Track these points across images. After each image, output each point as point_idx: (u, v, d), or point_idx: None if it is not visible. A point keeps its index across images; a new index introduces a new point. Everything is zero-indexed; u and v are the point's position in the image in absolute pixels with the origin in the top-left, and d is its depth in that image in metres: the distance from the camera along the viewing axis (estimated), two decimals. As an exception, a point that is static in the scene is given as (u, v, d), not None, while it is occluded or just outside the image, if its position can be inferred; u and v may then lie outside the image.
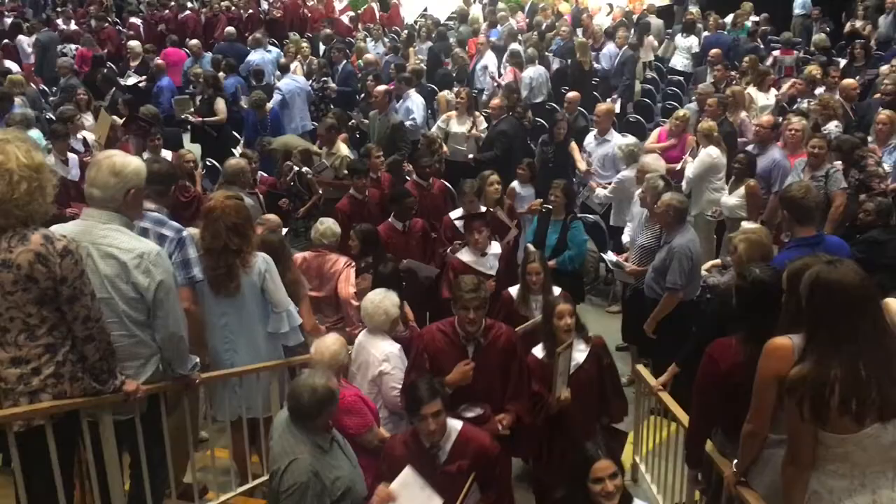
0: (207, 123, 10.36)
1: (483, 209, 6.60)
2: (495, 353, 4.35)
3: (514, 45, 12.49)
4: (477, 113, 9.56)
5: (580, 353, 4.55)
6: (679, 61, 13.33)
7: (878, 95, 8.93)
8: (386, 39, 14.73)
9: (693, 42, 13.18)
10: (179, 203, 6.74)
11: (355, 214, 6.98)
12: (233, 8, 17.14)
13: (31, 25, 15.40)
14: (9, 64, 12.29)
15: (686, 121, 8.37)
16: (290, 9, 17.02)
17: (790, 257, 4.27)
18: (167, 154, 8.48)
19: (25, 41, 14.57)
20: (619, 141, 8.13)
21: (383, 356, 4.55)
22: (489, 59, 12.12)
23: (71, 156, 7.79)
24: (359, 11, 17.52)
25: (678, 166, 7.83)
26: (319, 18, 16.75)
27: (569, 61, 12.39)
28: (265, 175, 8.26)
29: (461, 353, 4.32)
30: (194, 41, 13.67)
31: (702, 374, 3.66)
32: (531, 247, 6.61)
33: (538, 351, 4.62)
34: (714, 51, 11.52)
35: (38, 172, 3.10)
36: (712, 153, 7.41)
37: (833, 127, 7.96)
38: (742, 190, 6.72)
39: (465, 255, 6.06)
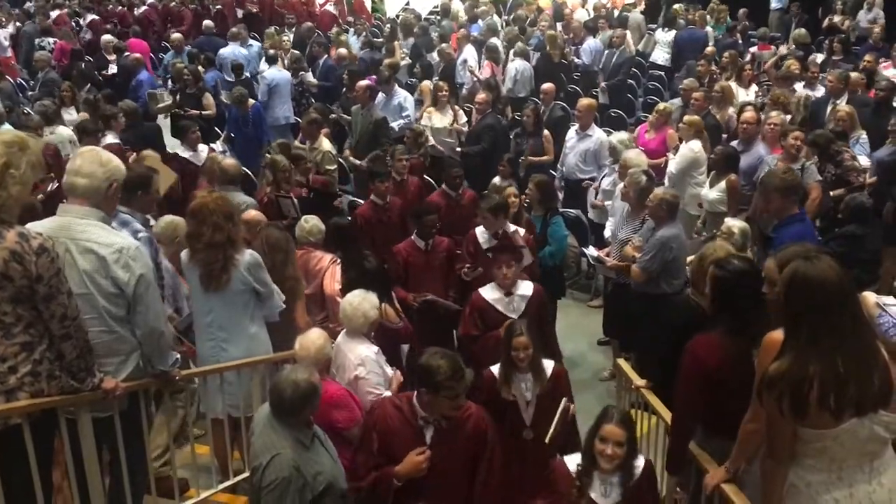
0: (204, 117, 10.32)
1: (510, 228, 6.02)
2: (461, 440, 3.70)
3: (493, 40, 12.49)
4: (457, 107, 9.57)
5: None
6: (660, 56, 13.35)
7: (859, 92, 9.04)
8: (367, 33, 14.64)
9: (673, 36, 13.22)
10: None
11: (375, 221, 6.73)
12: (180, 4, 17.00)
13: (7, 16, 15.20)
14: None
15: (667, 114, 8.40)
16: (266, 3, 16.95)
17: (791, 233, 4.50)
18: (204, 148, 8.46)
19: (1, 34, 14.38)
20: (602, 136, 8.18)
21: (359, 360, 4.48)
22: (469, 53, 12.10)
23: None
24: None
25: (661, 162, 7.86)
26: (295, 11, 16.69)
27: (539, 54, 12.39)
28: (317, 176, 8.03)
29: (417, 437, 3.67)
30: (177, 35, 13.55)
31: (686, 374, 3.59)
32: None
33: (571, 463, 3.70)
34: (709, 48, 11.57)
35: (3, 166, 3.08)
36: (694, 147, 7.44)
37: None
38: (723, 184, 6.75)
39: (488, 292, 5.19)
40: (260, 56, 12.64)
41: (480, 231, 6.08)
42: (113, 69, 12.40)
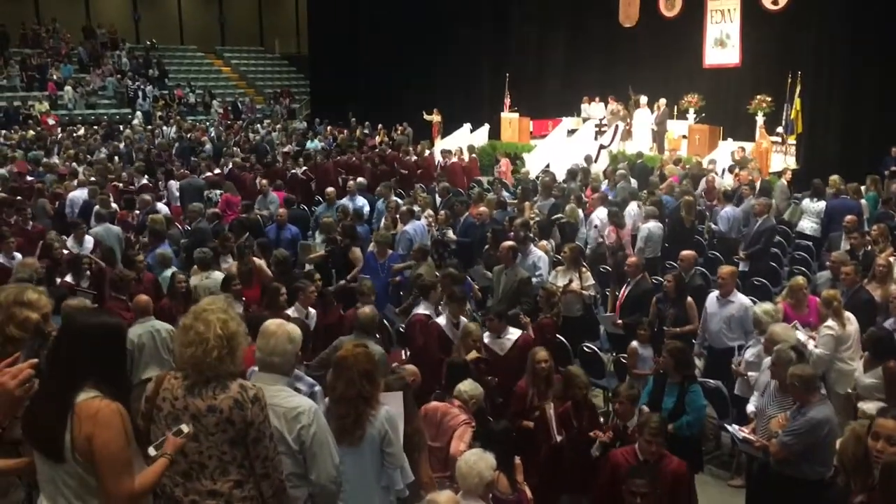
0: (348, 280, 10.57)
1: None
2: None
3: (632, 205, 12.63)
4: (584, 268, 9.57)
5: None
6: (807, 226, 13.01)
7: None
8: (506, 193, 15.09)
9: (822, 206, 12.88)
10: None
11: None
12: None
13: (181, 173, 16.73)
14: (159, 206, 13.35)
15: (802, 288, 8.15)
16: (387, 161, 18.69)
17: None
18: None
19: (174, 185, 15.87)
20: (746, 302, 8.01)
21: None
22: (600, 214, 12.26)
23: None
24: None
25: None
26: (419, 173, 17.81)
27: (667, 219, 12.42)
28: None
29: None
30: (330, 189, 14.31)
31: None
32: None
33: None
34: (850, 217, 11.19)
35: (230, 341, 3.53)
36: (834, 326, 7.12)
37: None
38: (879, 370, 6.33)
39: None
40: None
41: None
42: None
